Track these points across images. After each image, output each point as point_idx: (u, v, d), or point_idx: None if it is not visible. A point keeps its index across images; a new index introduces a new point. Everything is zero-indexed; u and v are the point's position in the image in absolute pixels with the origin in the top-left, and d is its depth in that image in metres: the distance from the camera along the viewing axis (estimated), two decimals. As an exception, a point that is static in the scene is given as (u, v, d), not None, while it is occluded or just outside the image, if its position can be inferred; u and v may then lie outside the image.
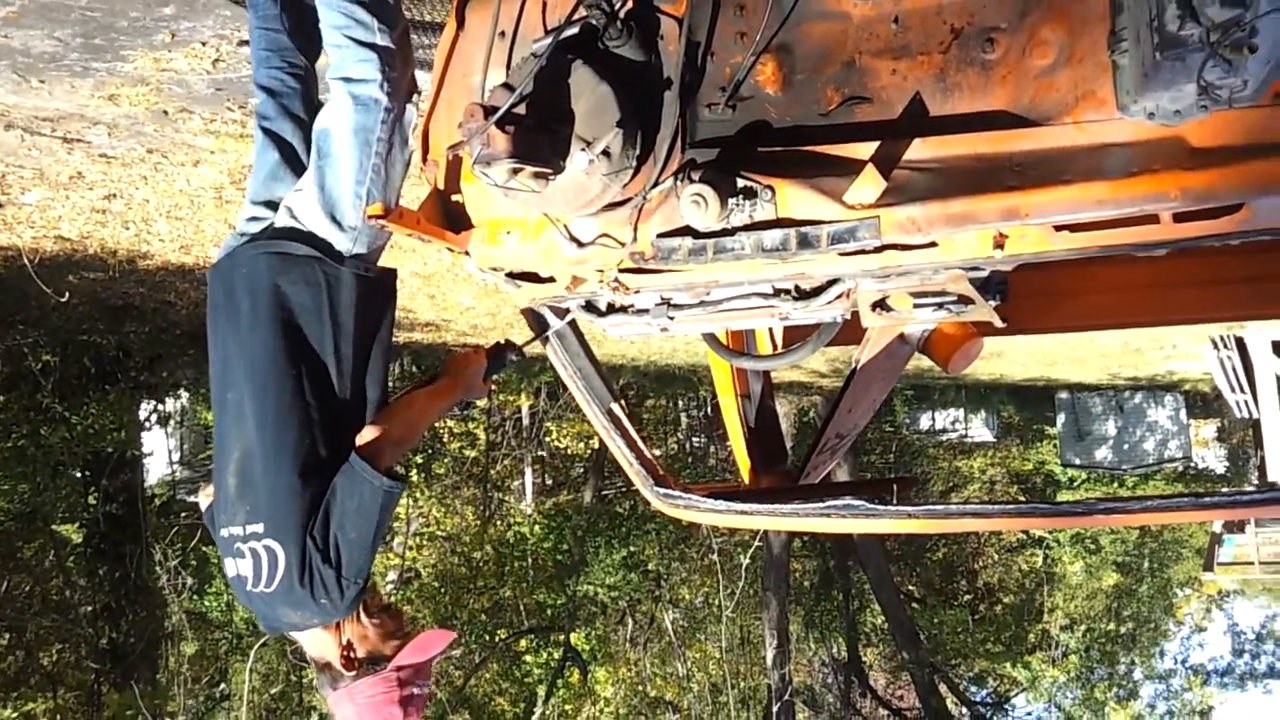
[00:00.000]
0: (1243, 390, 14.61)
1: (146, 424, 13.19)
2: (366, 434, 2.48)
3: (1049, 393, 25.87)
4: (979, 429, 28.95)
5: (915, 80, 2.17)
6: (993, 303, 2.46)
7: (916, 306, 2.50)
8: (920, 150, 2.11)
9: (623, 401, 3.03)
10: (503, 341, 2.89)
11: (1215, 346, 13.99)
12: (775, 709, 15.47)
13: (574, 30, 2.27)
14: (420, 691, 2.56)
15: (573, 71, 2.23)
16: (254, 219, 2.70)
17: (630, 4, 2.33)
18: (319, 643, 2.53)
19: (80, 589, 11.96)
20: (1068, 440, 26.21)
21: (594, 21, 2.27)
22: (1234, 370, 14.31)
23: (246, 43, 4.53)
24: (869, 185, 2.05)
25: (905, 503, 3.00)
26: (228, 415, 2.54)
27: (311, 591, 2.38)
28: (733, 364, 3.38)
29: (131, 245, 7.50)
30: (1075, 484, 26.43)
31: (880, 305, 2.50)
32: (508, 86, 2.26)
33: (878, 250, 2.18)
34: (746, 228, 2.19)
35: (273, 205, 2.68)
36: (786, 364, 3.09)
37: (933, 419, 28.49)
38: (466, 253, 2.56)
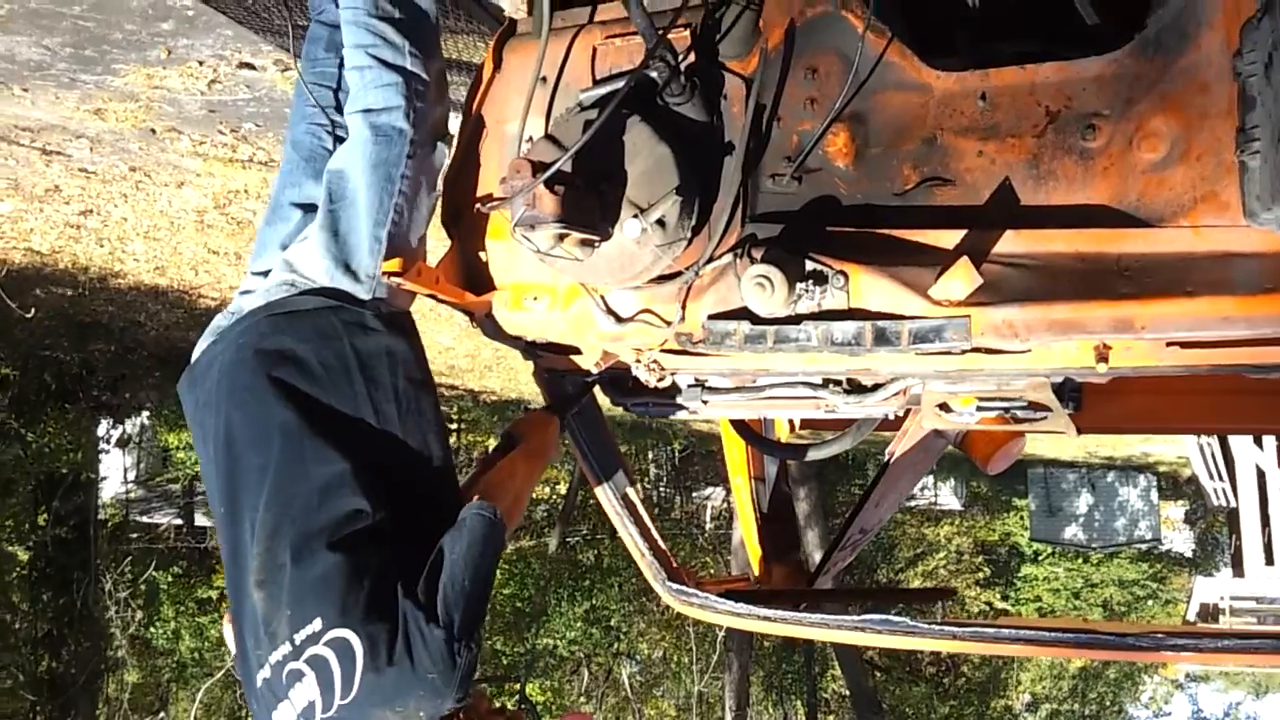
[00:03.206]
0: (1221, 478, 14.54)
1: (104, 445, 12.74)
2: None
3: (1021, 466, 25.79)
4: (947, 497, 28.82)
5: (1004, 164, 1.95)
6: (1068, 410, 2.23)
7: (980, 409, 2.27)
8: (1012, 243, 1.87)
9: (639, 486, 2.77)
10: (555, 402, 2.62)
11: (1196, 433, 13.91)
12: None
13: (633, 83, 2.03)
14: None
15: (629, 129, 1.99)
16: (248, 292, 2.27)
17: (694, 58, 2.10)
18: None
19: (22, 614, 11.42)
20: (1039, 515, 26.13)
21: (654, 75, 2.03)
22: (1213, 457, 14.24)
23: (247, 65, 4.30)
24: (960, 279, 1.80)
25: (948, 620, 2.74)
26: (236, 530, 2.05)
27: (412, 663, 1.82)
28: (762, 452, 3.12)
29: (104, 263, 7.22)
30: (1039, 558, 26.33)
31: (943, 406, 2.26)
32: (553, 140, 2.01)
33: (963, 353, 1.93)
34: (814, 316, 1.93)
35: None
36: (820, 458, 2.82)
37: (902, 484, 28.29)
38: (488, 317, 2.30)
